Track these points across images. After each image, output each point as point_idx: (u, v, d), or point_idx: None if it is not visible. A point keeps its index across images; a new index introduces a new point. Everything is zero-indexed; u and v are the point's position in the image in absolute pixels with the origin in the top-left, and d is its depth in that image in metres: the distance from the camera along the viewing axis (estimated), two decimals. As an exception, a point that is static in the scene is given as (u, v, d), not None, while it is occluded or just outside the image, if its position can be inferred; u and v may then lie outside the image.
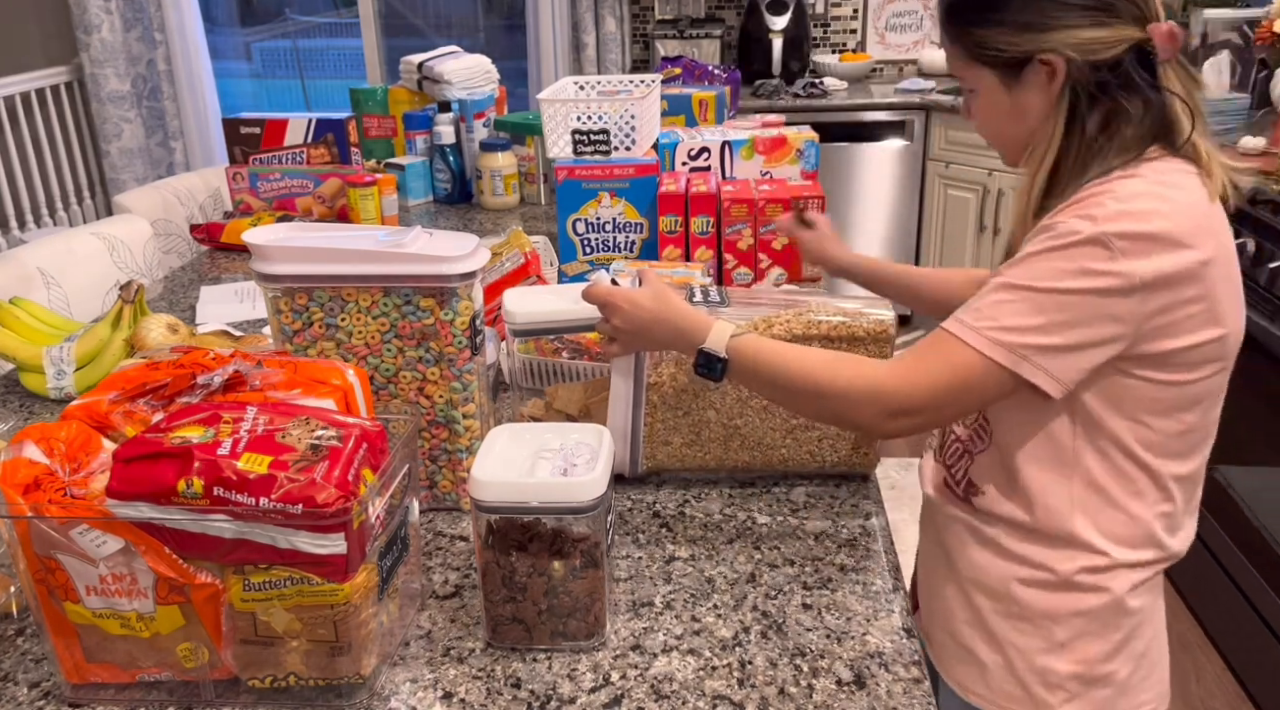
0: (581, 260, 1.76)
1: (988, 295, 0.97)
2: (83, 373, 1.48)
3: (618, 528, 1.12)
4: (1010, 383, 0.96)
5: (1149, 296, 0.93)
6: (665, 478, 1.23)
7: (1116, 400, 1.00)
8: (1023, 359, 0.95)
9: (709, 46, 4.05)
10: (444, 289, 1.06)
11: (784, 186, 1.67)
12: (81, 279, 1.99)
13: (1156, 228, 0.92)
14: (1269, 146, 2.56)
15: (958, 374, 0.96)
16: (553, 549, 0.89)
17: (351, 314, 1.08)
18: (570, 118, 1.83)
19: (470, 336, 1.09)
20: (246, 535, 0.80)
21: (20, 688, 0.90)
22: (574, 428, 0.97)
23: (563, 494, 0.87)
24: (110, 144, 4.04)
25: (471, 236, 1.09)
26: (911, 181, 3.89)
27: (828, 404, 1.01)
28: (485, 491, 0.88)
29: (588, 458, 0.91)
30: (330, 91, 5.35)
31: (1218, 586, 2.35)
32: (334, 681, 0.87)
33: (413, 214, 2.47)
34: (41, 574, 0.84)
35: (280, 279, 1.07)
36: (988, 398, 0.99)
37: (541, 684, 0.89)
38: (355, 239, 1.09)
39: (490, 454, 0.93)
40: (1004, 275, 0.97)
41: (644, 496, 1.19)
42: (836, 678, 0.89)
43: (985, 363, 0.95)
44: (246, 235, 1.07)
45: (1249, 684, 2.24)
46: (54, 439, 0.86)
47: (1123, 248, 0.91)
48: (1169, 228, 0.92)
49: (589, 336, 1.28)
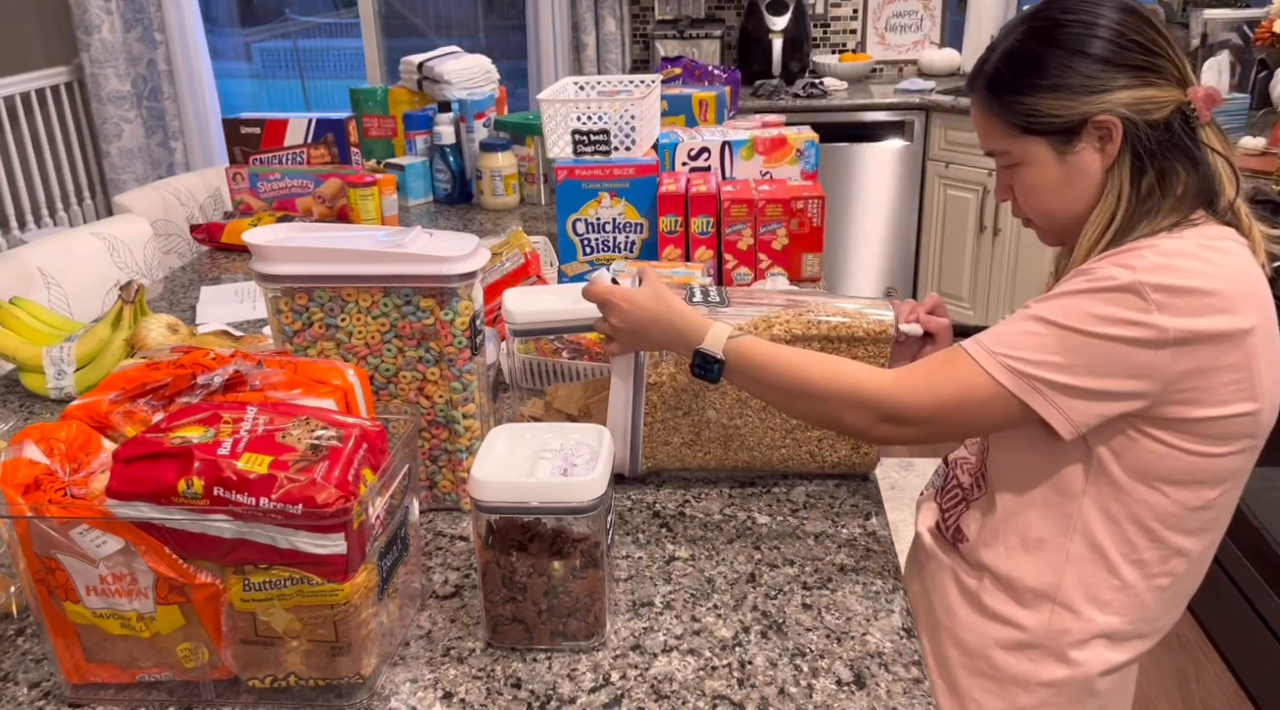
0: (581, 260, 1.76)
1: (1013, 324, 0.96)
2: (83, 373, 1.48)
3: (618, 527, 1.12)
4: (1017, 413, 0.95)
5: (1181, 355, 0.91)
6: (665, 477, 1.23)
7: (1135, 463, 0.98)
8: (1035, 391, 0.93)
9: (709, 46, 4.05)
10: (444, 289, 1.06)
11: (784, 186, 1.68)
12: (81, 279, 1.99)
13: (1197, 284, 0.90)
14: (1269, 146, 2.56)
15: (962, 391, 0.95)
16: (553, 549, 0.89)
17: (351, 314, 1.08)
18: (570, 118, 1.83)
19: (470, 337, 1.09)
20: (246, 535, 0.80)
21: (20, 688, 0.90)
22: (574, 428, 0.97)
23: (563, 494, 0.87)
24: (110, 144, 4.04)
25: (471, 236, 1.08)
26: (911, 181, 3.89)
27: (822, 406, 1.01)
28: (485, 491, 0.88)
29: (588, 458, 0.91)
30: (330, 91, 5.36)
31: (1218, 586, 2.35)
32: (334, 681, 0.87)
33: (413, 214, 2.47)
34: (41, 574, 0.84)
35: (280, 279, 1.07)
36: (987, 423, 0.97)
37: (541, 684, 0.89)
38: (355, 239, 1.09)
39: (490, 454, 0.93)
40: (1033, 308, 0.95)
41: (644, 496, 1.19)
42: (836, 678, 0.89)
43: (993, 386, 0.94)
44: (247, 235, 1.07)
45: (1249, 684, 2.24)
46: (54, 439, 0.86)
47: (1159, 301, 0.89)
48: (1211, 287, 0.90)
49: (589, 336, 1.28)
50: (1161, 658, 2.36)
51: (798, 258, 1.65)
